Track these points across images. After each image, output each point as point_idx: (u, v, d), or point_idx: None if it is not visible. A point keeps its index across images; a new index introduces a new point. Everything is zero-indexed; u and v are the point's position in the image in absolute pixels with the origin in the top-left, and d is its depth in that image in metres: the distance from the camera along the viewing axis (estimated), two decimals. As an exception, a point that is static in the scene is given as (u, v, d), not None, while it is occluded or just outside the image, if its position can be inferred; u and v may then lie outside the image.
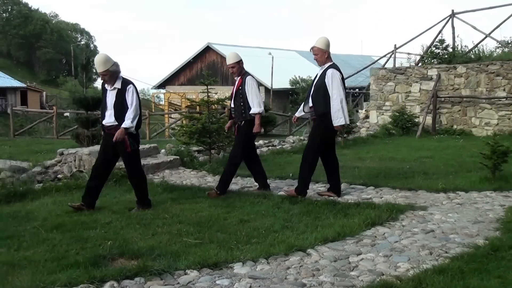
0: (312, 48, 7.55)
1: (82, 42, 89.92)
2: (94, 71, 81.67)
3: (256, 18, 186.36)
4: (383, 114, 18.76)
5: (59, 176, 9.66)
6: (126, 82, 7.05)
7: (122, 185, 8.68)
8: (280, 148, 13.83)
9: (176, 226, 6.15)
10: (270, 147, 14.27)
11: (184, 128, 11.45)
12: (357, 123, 19.08)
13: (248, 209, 6.95)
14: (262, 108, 7.90)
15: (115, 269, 4.53)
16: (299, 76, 48.32)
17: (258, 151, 13.37)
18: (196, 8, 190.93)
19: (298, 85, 48.10)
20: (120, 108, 6.93)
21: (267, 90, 45.23)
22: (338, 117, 7.28)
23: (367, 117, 19.78)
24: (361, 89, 35.30)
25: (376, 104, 19.00)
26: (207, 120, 10.79)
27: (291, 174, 9.24)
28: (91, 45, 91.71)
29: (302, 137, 16.19)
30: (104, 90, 7.15)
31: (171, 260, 4.76)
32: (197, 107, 22.70)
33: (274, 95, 45.32)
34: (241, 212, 6.80)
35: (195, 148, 11.92)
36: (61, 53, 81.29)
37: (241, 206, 7.16)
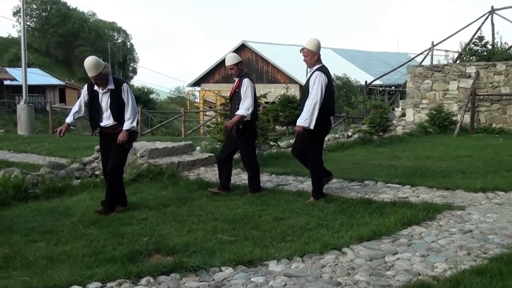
0: (302, 49, 7.46)
1: (119, 41, 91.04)
2: (131, 68, 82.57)
3: (292, 16, 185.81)
4: (419, 112, 18.50)
5: (97, 172, 9.78)
6: (118, 82, 6.92)
7: (157, 181, 8.76)
8: (315, 146, 13.72)
9: (211, 223, 6.18)
10: (304, 145, 14.19)
11: (219, 126, 11.49)
12: (393, 121, 18.86)
13: (283, 207, 6.94)
14: (249, 112, 7.65)
15: (151, 265, 4.58)
16: (334, 74, 48.00)
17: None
18: (232, 6, 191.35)
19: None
20: (118, 108, 6.81)
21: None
22: (306, 118, 7.10)
23: (403, 115, 19.54)
24: (397, 87, 34.92)
25: (413, 102, 18.75)
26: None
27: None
28: (128, 44, 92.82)
29: (337, 135, 16.07)
30: (94, 93, 6.91)
31: (206, 257, 4.79)
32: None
33: (309, 93, 45.07)
34: (276, 210, 6.80)
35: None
36: (99, 51, 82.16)
37: (276, 204, 7.15)
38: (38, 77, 54.25)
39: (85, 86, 7.03)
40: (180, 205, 7.22)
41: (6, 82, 48.66)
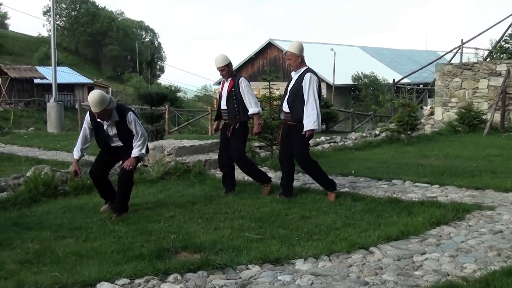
0: (285, 53, 7.34)
1: (146, 39, 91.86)
2: (158, 67, 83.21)
3: (320, 14, 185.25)
4: (448, 111, 18.26)
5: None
6: (122, 112, 6.67)
7: (185, 179, 8.81)
8: (342, 145, 13.69)
9: (238, 221, 6.19)
10: (331, 144, 14.14)
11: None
12: (421, 120, 18.66)
13: (310, 206, 6.92)
14: (260, 108, 7.84)
15: (178, 262, 4.61)
16: (361, 72, 47.83)
17: (319, 147, 13.34)
18: (260, 4, 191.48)
19: (360, 81, 47.60)
20: (127, 136, 6.71)
21: (328, 86, 44.94)
22: (313, 121, 7.11)
23: (432, 113, 19.32)
24: (426, 85, 34.58)
25: (442, 101, 18.52)
26: (269, 116, 10.79)
27: (353, 171, 9.14)
28: (155, 42, 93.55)
29: (364, 134, 15.97)
30: (99, 124, 6.69)
31: (233, 255, 4.80)
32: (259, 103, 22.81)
33: (336, 91, 44.98)
34: (303, 209, 6.78)
35: (256, 144, 11.96)
36: (127, 50, 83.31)
37: (303, 202, 7.14)
38: (67, 75, 55.01)
39: (87, 117, 6.80)
40: (207, 203, 7.25)
41: (36, 81, 49.45)
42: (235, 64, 45.23)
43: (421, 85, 36.76)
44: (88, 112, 6.81)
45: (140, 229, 5.96)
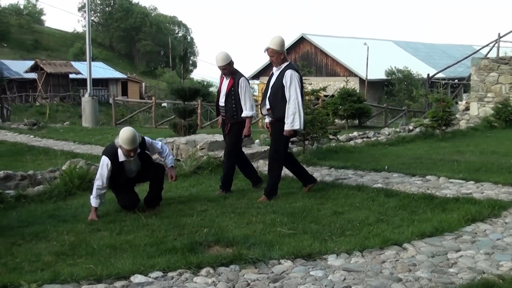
0: (267, 49, 7.11)
1: (179, 34, 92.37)
2: (191, 62, 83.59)
3: (353, 8, 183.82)
4: (484, 106, 17.94)
5: (158, 164, 9.96)
6: (141, 143, 6.64)
7: (217, 174, 8.84)
8: (375, 140, 13.58)
9: (270, 216, 6.19)
10: (364, 139, 14.05)
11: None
12: (457, 115, 18.38)
13: (342, 201, 6.88)
14: (254, 111, 7.66)
15: (211, 256, 4.64)
16: (395, 67, 47.27)
17: (352, 142, 13.26)
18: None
19: (394, 75, 47.07)
20: (145, 162, 6.79)
21: (361, 80, 44.57)
22: (294, 120, 6.94)
23: (467, 109, 19.01)
24: (461, 80, 34.01)
25: (477, 96, 18.20)
26: (301, 110, 10.76)
27: (386, 167, 9.05)
28: (188, 37, 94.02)
29: (398, 129, 15.81)
30: (120, 165, 6.57)
31: (265, 249, 4.81)
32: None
33: (369, 86, 44.57)
34: (335, 204, 6.75)
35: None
36: (160, 45, 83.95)
37: (335, 198, 7.10)
38: (102, 70, 55.76)
39: (107, 162, 6.48)
40: (239, 197, 7.27)
41: (72, 76, 50.28)
42: (266, 60, 45.08)
43: (456, 80, 36.14)
44: (106, 158, 6.49)
45: (173, 222, 6.02)
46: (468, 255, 4.71)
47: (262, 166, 9.47)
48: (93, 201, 6.46)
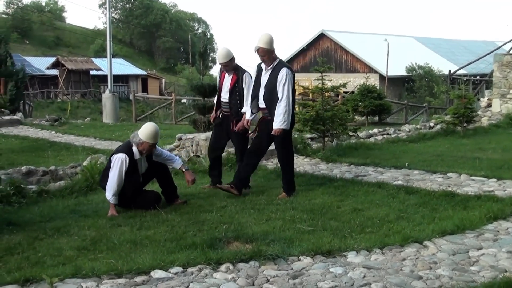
0: (257, 49, 6.95)
1: (199, 31, 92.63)
2: (211, 59, 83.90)
3: (374, 3, 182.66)
4: (507, 103, 17.70)
5: (178, 160, 9.99)
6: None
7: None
8: (396, 137, 13.48)
9: (290, 212, 6.19)
10: (384, 136, 13.96)
11: (298, 115, 11.46)
12: (478, 112, 18.17)
13: (362, 198, 6.85)
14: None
15: (230, 252, 4.65)
16: (415, 63, 46.90)
17: (372, 139, 13.19)
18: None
19: (414, 72, 46.72)
20: (151, 165, 6.86)
21: (381, 77, 44.31)
22: (282, 120, 6.86)
23: (489, 105, 18.78)
24: (483, 76, 33.64)
25: (500, 92, 17.98)
26: (321, 107, 10.73)
27: (407, 164, 8.99)
28: (208, 34, 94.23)
29: (418, 126, 15.69)
30: (135, 163, 6.57)
31: (284, 246, 4.80)
32: (310, 94, 22.67)
33: (389, 83, 44.30)
34: (355, 201, 6.72)
35: (308, 135, 11.92)
36: (179, 42, 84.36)
37: (355, 194, 7.07)
38: (122, 67, 56.17)
39: (125, 159, 6.42)
40: (258, 193, 7.27)
41: (92, 72, 50.72)
42: (287, 55, 45.13)
43: (478, 76, 35.75)
44: (123, 155, 6.46)
45: (192, 218, 6.04)
46: (490, 253, 4.66)
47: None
48: (112, 199, 6.47)
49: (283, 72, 6.93)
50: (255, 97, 7.26)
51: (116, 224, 5.95)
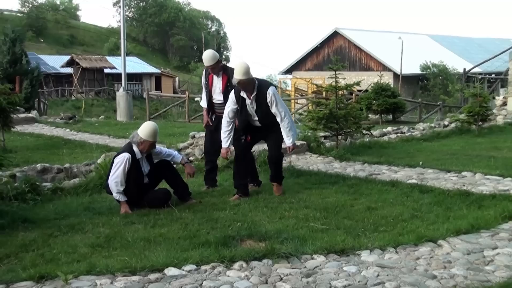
0: (238, 82, 6.79)
1: (212, 29, 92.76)
2: (224, 57, 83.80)
3: (386, 1, 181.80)
4: (522, 101, 17.57)
5: (191, 158, 10.00)
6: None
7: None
8: (410, 135, 13.43)
9: (303, 211, 6.19)
10: (398, 134, 13.90)
11: (311, 114, 11.44)
12: (493, 111, 18.03)
13: (376, 197, 6.83)
14: None
15: (243, 250, 4.65)
16: (430, 61, 46.64)
17: (385, 137, 13.13)
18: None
19: (429, 70, 46.45)
20: (154, 165, 6.95)
21: (395, 75, 44.10)
22: (293, 135, 7.11)
23: (504, 104, 18.64)
24: (498, 74, 33.35)
25: (515, 91, 17.84)
26: (334, 105, 10.70)
27: (421, 163, 8.94)
28: (221, 32, 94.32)
29: (433, 124, 15.60)
30: (137, 162, 6.62)
31: (298, 244, 4.80)
32: (324, 92, 22.59)
33: (403, 81, 44.08)
34: (369, 200, 6.70)
35: (322, 134, 11.89)
36: (193, 40, 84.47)
37: (368, 193, 7.05)
38: (136, 65, 56.35)
39: (128, 157, 6.46)
40: (271, 192, 7.26)
41: (106, 70, 50.98)
42: (299, 54, 45.01)
43: (493, 75, 35.45)
44: (127, 154, 6.50)
45: (206, 216, 6.05)
46: (505, 253, 4.62)
47: (294, 161, 9.46)
48: (120, 197, 6.50)
49: (270, 92, 6.93)
50: (248, 123, 7.16)
51: (130, 221, 5.98)
